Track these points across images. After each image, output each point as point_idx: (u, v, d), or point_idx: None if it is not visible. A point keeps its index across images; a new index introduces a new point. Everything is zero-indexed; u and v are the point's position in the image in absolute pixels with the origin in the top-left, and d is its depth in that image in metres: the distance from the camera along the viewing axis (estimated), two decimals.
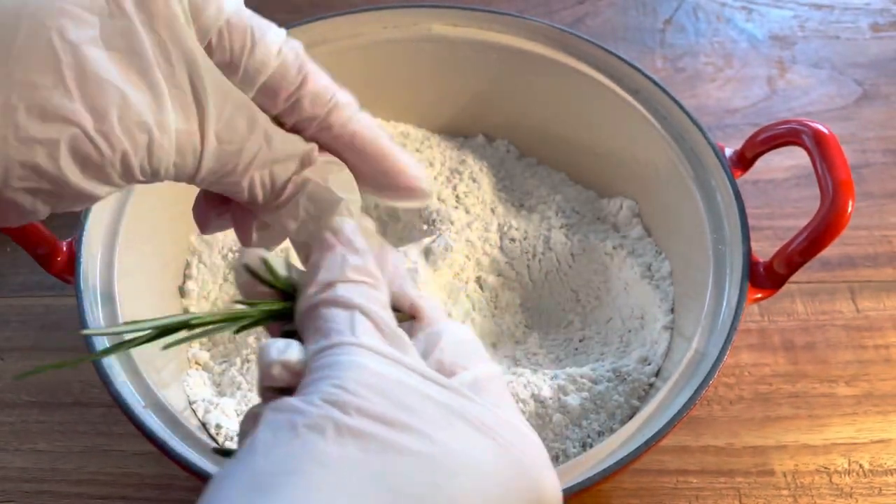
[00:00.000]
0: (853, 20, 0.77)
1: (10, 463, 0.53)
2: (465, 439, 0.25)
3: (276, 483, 0.22)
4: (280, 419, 0.24)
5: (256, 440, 0.23)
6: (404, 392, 0.25)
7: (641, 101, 0.54)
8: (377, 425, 0.24)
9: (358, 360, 0.25)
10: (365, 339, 0.26)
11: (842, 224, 0.43)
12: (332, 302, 0.28)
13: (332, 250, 0.29)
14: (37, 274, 0.60)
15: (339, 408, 0.24)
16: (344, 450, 0.23)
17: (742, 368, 0.56)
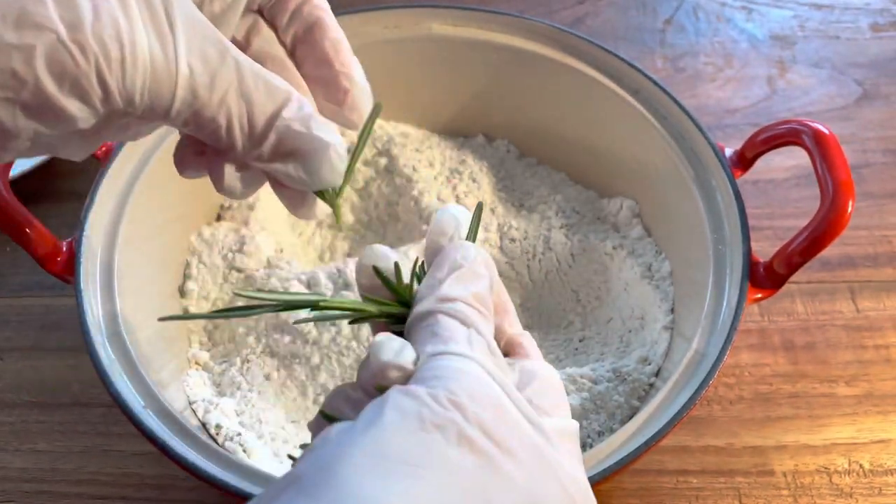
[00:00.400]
0: (853, 20, 0.77)
1: (9, 463, 0.53)
2: (549, 483, 0.26)
3: (402, 472, 0.23)
4: (408, 407, 0.25)
5: (385, 417, 0.24)
6: (507, 417, 0.26)
7: (641, 100, 0.54)
8: (489, 441, 0.25)
9: (475, 372, 0.27)
10: (479, 355, 0.27)
11: (842, 224, 0.43)
12: (453, 314, 0.29)
13: (460, 269, 0.30)
14: (36, 274, 0.60)
15: (462, 412, 0.25)
16: (462, 457, 0.24)
17: (742, 368, 0.56)
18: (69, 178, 0.66)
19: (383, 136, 0.61)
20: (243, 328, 0.54)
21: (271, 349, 0.52)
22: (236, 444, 0.46)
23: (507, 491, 0.24)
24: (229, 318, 0.31)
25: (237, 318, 0.32)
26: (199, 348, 0.54)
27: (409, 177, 0.60)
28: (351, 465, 0.23)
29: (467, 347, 0.28)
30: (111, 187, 0.50)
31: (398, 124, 0.63)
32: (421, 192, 0.59)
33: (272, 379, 0.51)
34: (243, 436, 0.47)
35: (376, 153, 0.61)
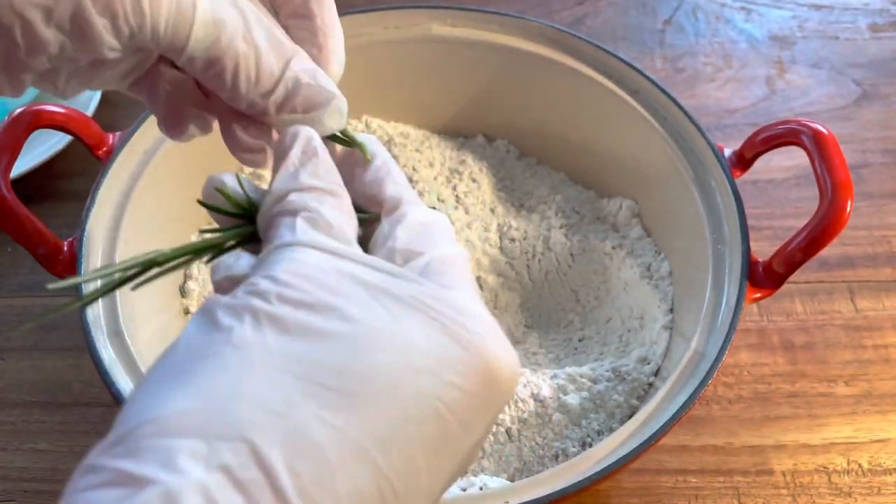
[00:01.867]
0: (852, 20, 0.77)
1: (10, 463, 0.53)
2: (394, 317, 0.24)
3: (189, 368, 0.22)
4: (203, 314, 0.24)
5: (180, 336, 0.23)
6: (335, 278, 0.24)
7: (641, 101, 0.54)
8: (298, 311, 0.23)
9: (291, 255, 0.25)
10: (305, 236, 0.26)
11: (841, 224, 0.43)
12: (281, 212, 0.27)
13: (286, 159, 0.29)
14: (37, 274, 0.60)
15: (260, 297, 0.23)
16: (259, 334, 0.23)
17: (741, 368, 0.56)
18: (70, 178, 0.66)
19: (383, 136, 0.62)
20: None
21: None
22: None
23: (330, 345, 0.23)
24: None
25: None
26: None
27: (409, 177, 0.60)
28: (140, 389, 0.22)
29: (289, 236, 0.26)
30: (112, 187, 0.50)
31: (398, 124, 0.63)
32: (421, 192, 0.59)
33: None
34: None
35: None
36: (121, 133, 0.52)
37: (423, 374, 0.23)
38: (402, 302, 0.25)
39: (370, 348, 0.23)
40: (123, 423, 0.22)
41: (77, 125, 0.50)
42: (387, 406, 0.23)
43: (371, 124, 0.62)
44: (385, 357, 0.23)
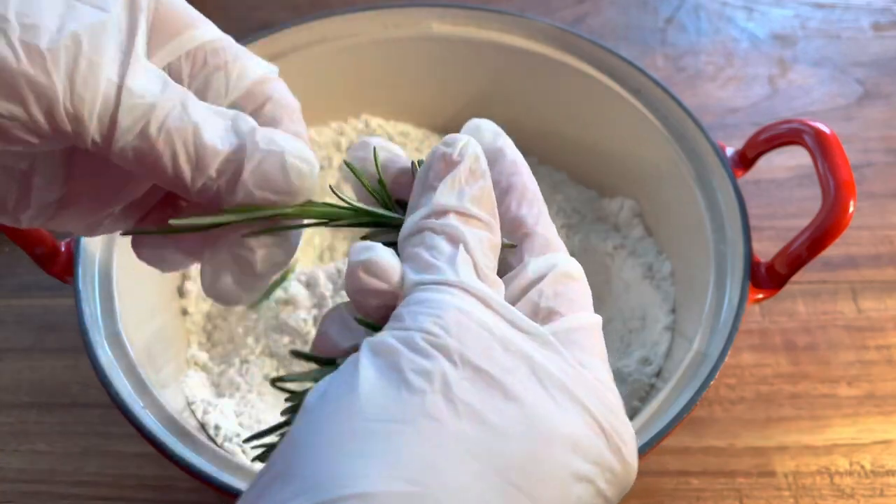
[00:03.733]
0: (854, 19, 0.77)
1: (8, 464, 0.52)
2: (557, 405, 0.24)
3: (384, 433, 0.21)
4: (383, 360, 0.23)
5: (360, 376, 0.23)
6: (497, 342, 0.24)
7: (642, 100, 0.54)
8: (478, 380, 0.23)
9: (456, 302, 0.24)
10: (468, 280, 0.25)
11: (843, 224, 0.43)
12: (442, 231, 0.26)
13: (454, 170, 0.27)
14: (34, 274, 0.60)
15: (445, 354, 0.23)
16: (451, 407, 0.22)
17: (743, 369, 0.55)
18: None
19: (383, 136, 0.61)
20: (242, 328, 0.53)
21: (270, 349, 0.52)
22: (235, 445, 0.46)
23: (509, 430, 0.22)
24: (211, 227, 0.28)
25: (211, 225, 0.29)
26: (198, 349, 0.54)
27: None
28: (325, 441, 0.21)
29: (452, 273, 0.25)
30: None
31: (398, 124, 0.63)
32: None
33: None
34: (242, 436, 0.47)
35: None
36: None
37: (583, 482, 0.24)
38: (561, 387, 0.24)
39: (545, 443, 0.23)
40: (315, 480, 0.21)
41: None
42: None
43: (371, 123, 0.62)
44: (557, 454, 0.23)
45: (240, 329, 0.53)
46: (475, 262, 0.26)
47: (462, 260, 0.26)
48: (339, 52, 0.58)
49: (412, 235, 0.27)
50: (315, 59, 0.58)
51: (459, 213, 0.27)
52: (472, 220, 0.27)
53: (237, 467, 0.40)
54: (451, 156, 0.27)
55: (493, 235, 0.27)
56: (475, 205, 0.27)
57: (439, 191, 0.27)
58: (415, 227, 0.27)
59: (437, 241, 0.26)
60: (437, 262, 0.26)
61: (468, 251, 0.26)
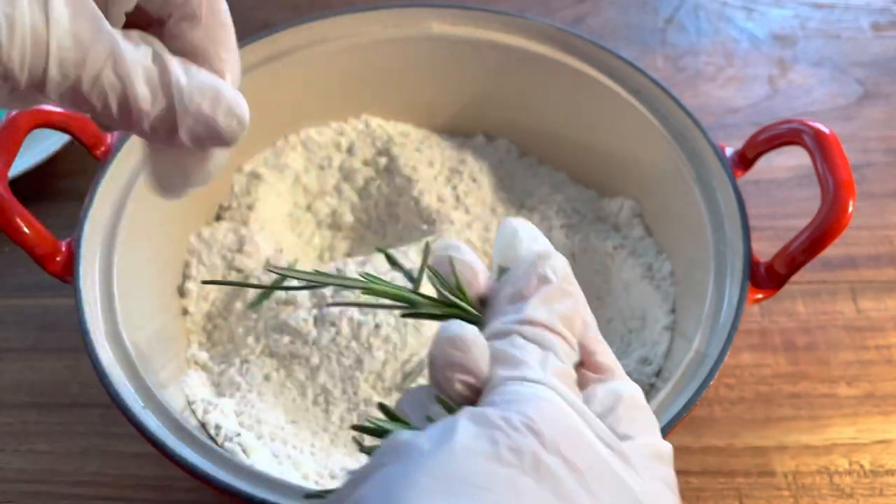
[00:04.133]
0: (854, 19, 0.77)
1: (8, 464, 0.52)
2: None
3: (472, 494, 0.22)
4: (481, 429, 0.23)
5: (455, 438, 0.23)
6: (584, 444, 0.25)
7: (642, 100, 0.54)
8: (566, 469, 0.23)
9: (550, 398, 0.25)
10: (554, 380, 0.26)
11: (843, 224, 0.43)
12: (532, 338, 0.27)
13: (547, 287, 0.29)
14: (34, 274, 0.60)
15: (538, 437, 0.23)
16: (538, 485, 0.23)
17: (743, 369, 0.56)
18: (68, 178, 0.66)
19: (383, 136, 0.61)
20: (242, 328, 0.53)
21: (271, 349, 0.52)
22: (235, 445, 0.46)
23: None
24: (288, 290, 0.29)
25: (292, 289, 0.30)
26: (199, 349, 0.54)
27: (409, 177, 0.59)
28: (417, 489, 0.22)
29: (541, 372, 0.26)
30: (110, 187, 0.50)
31: (398, 124, 0.63)
32: (421, 192, 0.59)
33: (271, 379, 0.51)
34: (243, 436, 0.47)
35: (376, 153, 0.61)
36: (119, 133, 0.52)
37: None
38: (630, 496, 0.24)
39: None
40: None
41: (75, 125, 0.49)
42: None
43: (371, 124, 0.62)
44: None
45: (240, 329, 0.53)
46: (567, 369, 0.27)
47: (552, 364, 0.27)
48: (339, 52, 0.58)
49: (500, 337, 0.28)
50: (315, 59, 0.58)
51: (548, 329, 0.28)
52: (558, 337, 0.28)
53: (237, 467, 0.40)
54: (545, 273, 0.29)
55: (575, 355, 0.28)
56: (563, 324, 0.28)
57: (531, 304, 0.28)
58: (504, 329, 0.28)
59: (527, 345, 0.27)
60: (529, 360, 0.26)
61: (564, 367, 0.27)
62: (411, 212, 0.59)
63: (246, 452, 0.46)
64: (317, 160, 0.61)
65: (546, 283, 0.29)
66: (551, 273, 0.29)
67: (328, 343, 0.51)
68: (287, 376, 0.51)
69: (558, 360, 0.27)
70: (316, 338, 0.51)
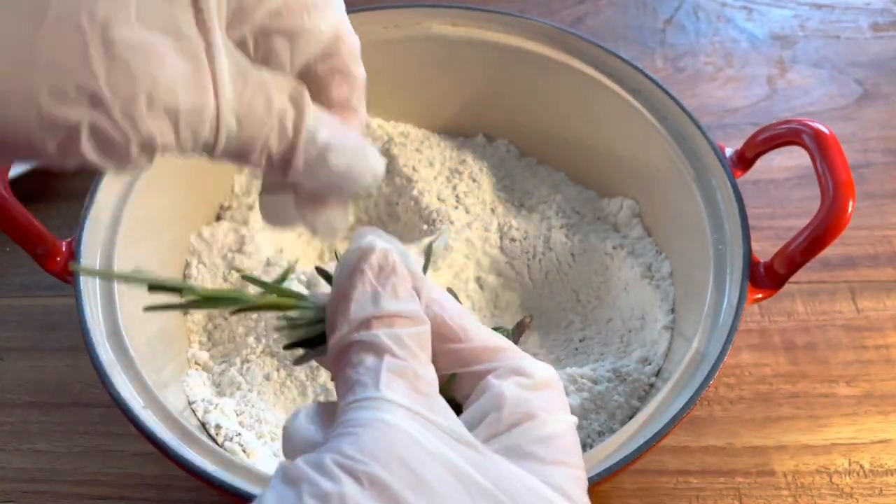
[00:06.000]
0: (854, 20, 0.77)
1: (9, 463, 0.53)
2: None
3: None
4: (290, 486, 0.22)
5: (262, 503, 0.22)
6: (425, 460, 0.23)
7: (642, 100, 0.54)
8: (384, 499, 0.22)
9: (380, 417, 0.24)
10: (391, 392, 0.24)
11: (842, 224, 0.43)
12: (362, 346, 0.26)
13: (361, 276, 0.27)
14: (35, 274, 0.60)
15: (352, 475, 0.22)
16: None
17: (742, 368, 0.56)
18: (69, 178, 0.66)
19: (383, 136, 0.61)
20: (243, 328, 0.54)
21: (271, 349, 0.52)
22: (236, 445, 0.46)
23: None
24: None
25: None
26: (199, 348, 0.54)
27: (409, 177, 0.60)
28: None
29: (374, 389, 0.25)
30: (111, 187, 0.50)
31: (398, 124, 0.63)
32: (421, 192, 0.59)
33: (272, 379, 0.51)
34: (243, 436, 0.47)
35: None
36: None
37: None
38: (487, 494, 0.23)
39: None
40: None
41: None
42: None
43: (371, 124, 0.62)
44: None
45: (241, 329, 0.54)
46: (415, 371, 0.25)
47: (388, 371, 0.25)
48: None
49: (340, 356, 0.26)
50: None
51: (379, 318, 0.26)
52: (394, 319, 0.26)
53: (238, 467, 0.40)
54: (351, 261, 0.27)
55: (419, 326, 0.27)
56: (392, 301, 0.26)
57: (353, 302, 0.26)
58: (338, 346, 0.26)
59: (362, 357, 0.26)
60: (363, 378, 0.25)
61: (395, 356, 0.25)
62: (411, 212, 0.59)
63: (246, 452, 0.46)
64: None
65: (361, 272, 0.27)
66: (362, 260, 0.27)
67: None
68: (287, 376, 0.51)
69: (395, 358, 0.25)
70: None
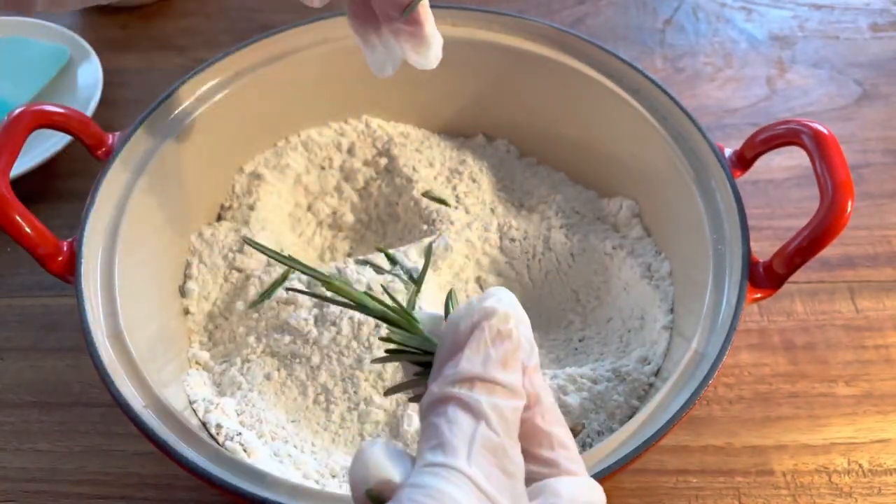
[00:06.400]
0: (853, 20, 0.77)
1: (10, 463, 0.53)
2: None
3: None
4: None
5: None
6: None
7: (641, 101, 0.54)
8: None
9: (456, 496, 0.24)
10: (474, 469, 0.25)
11: (841, 224, 0.43)
12: (461, 404, 0.26)
13: (480, 332, 0.27)
14: (35, 274, 0.60)
15: None
16: None
17: (742, 368, 0.56)
18: (69, 178, 0.66)
19: (383, 136, 0.61)
20: (243, 328, 0.54)
21: (271, 349, 0.52)
22: (236, 444, 0.46)
23: None
24: None
25: None
26: (200, 348, 0.54)
27: (409, 177, 0.60)
28: None
29: (463, 458, 0.25)
30: (112, 187, 0.50)
31: (398, 124, 0.63)
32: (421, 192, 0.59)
33: (272, 379, 0.51)
34: (244, 435, 0.47)
35: (376, 153, 0.61)
36: (120, 133, 0.52)
37: None
38: None
39: None
40: None
41: (76, 125, 0.50)
42: None
43: (371, 124, 0.62)
44: None
45: (241, 328, 0.54)
46: (504, 449, 0.26)
47: (481, 444, 0.25)
48: (340, 52, 0.58)
49: (436, 404, 0.26)
50: (316, 59, 0.58)
51: (483, 382, 0.26)
52: (497, 388, 0.26)
53: (238, 466, 0.40)
54: (473, 313, 0.27)
55: (517, 401, 0.27)
56: (500, 370, 0.26)
57: (465, 356, 0.27)
58: (441, 395, 0.26)
59: (459, 416, 0.26)
60: (454, 440, 0.25)
61: (491, 429, 0.26)
62: (411, 212, 0.59)
63: (247, 451, 0.46)
64: (317, 161, 0.61)
65: (480, 329, 0.27)
66: (486, 314, 0.27)
67: (329, 342, 0.51)
68: (288, 376, 0.51)
69: (490, 430, 0.26)
70: (316, 337, 0.51)
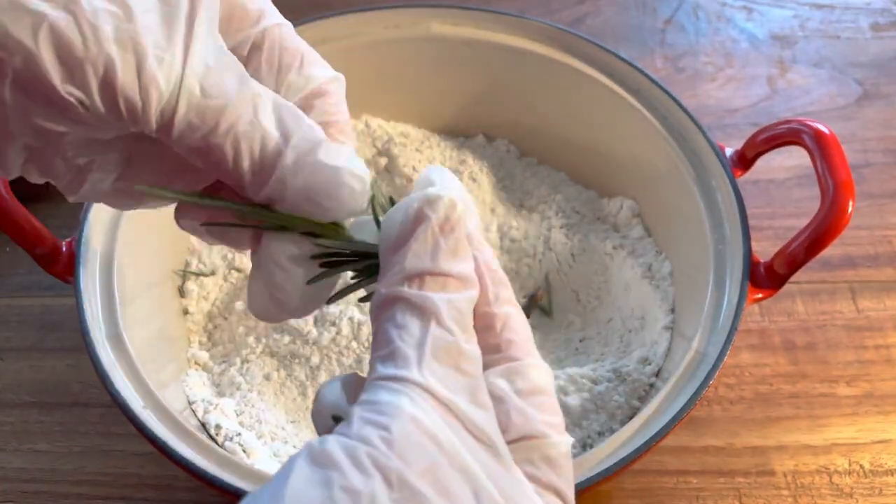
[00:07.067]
0: (853, 20, 0.77)
1: (9, 463, 0.53)
2: None
3: None
4: (315, 469, 0.22)
5: (287, 488, 0.21)
6: (445, 457, 0.23)
7: (642, 100, 0.54)
8: (425, 493, 0.22)
9: (411, 410, 0.23)
10: (432, 377, 0.24)
11: (842, 224, 0.43)
12: (410, 305, 0.25)
13: (425, 223, 0.26)
14: (35, 274, 0.60)
15: (383, 473, 0.22)
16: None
17: (742, 369, 0.56)
18: None
19: (383, 136, 0.61)
20: (243, 328, 0.54)
21: (271, 349, 0.52)
22: (236, 445, 0.46)
23: None
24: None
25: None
26: (199, 348, 0.54)
27: (409, 177, 0.60)
28: None
29: (416, 369, 0.24)
30: None
31: (398, 124, 0.63)
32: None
33: (272, 379, 0.51)
34: (243, 436, 0.47)
35: (376, 153, 0.61)
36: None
37: None
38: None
39: None
40: None
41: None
42: None
43: (371, 124, 0.62)
44: None
45: (240, 329, 0.54)
46: (460, 349, 0.25)
47: (432, 348, 0.24)
48: (339, 52, 0.58)
49: (384, 306, 0.25)
50: None
51: (433, 276, 0.25)
52: (448, 280, 0.25)
53: (238, 467, 0.40)
54: (416, 207, 0.26)
55: (471, 292, 0.26)
56: (451, 260, 0.25)
57: (412, 251, 0.25)
58: (386, 296, 0.25)
59: (408, 319, 0.25)
60: (404, 347, 0.24)
61: (440, 325, 0.25)
62: None
63: (246, 452, 0.46)
64: None
65: (427, 220, 0.26)
66: (428, 209, 0.26)
67: (328, 343, 0.51)
68: (287, 376, 0.51)
69: (442, 328, 0.25)
70: (316, 338, 0.51)
